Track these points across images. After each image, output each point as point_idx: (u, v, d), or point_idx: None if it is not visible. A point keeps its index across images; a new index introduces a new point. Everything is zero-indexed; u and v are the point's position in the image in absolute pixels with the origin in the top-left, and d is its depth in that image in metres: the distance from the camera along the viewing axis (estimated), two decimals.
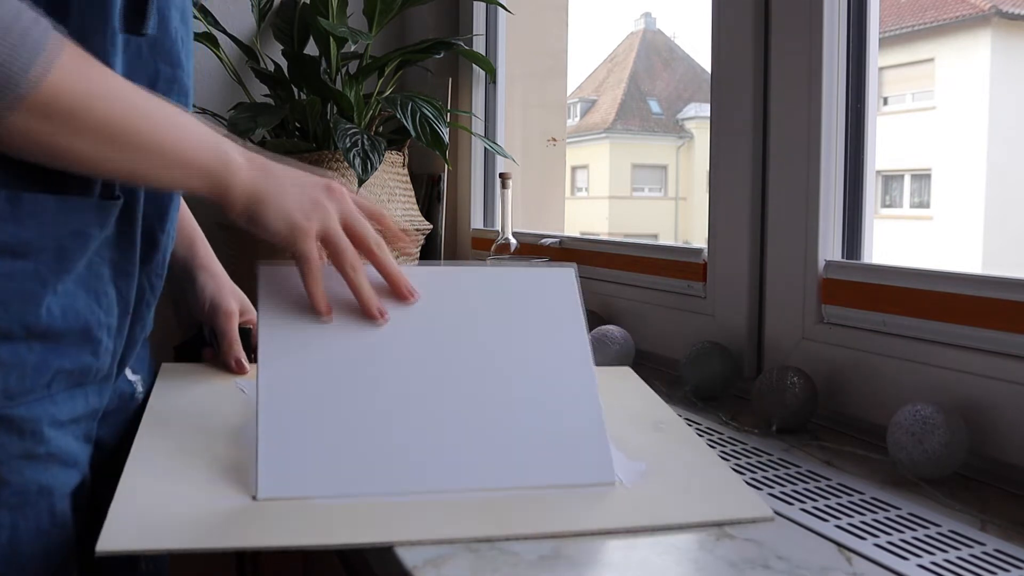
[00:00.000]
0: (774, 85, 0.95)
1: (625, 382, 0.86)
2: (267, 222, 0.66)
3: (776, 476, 0.71)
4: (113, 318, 0.67)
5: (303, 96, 1.48)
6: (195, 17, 1.51)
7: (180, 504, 0.57)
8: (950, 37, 10.33)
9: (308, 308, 0.66)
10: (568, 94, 1.96)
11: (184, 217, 0.91)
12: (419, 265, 0.72)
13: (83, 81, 0.58)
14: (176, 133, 0.64)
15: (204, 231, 0.93)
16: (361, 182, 1.31)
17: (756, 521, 0.60)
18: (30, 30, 0.55)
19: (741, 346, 0.99)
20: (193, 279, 0.90)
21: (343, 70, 1.50)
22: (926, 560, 0.56)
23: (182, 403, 0.74)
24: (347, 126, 1.37)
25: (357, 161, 1.31)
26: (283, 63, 1.54)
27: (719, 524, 0.59)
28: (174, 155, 0.63)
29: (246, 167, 0.67)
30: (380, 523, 0.56)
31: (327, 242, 0.67)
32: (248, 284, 1.48)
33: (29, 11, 0.55)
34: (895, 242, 10.32)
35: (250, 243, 1.46)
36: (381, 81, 1.54)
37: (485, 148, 1.70)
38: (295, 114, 1.47)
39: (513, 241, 1.41)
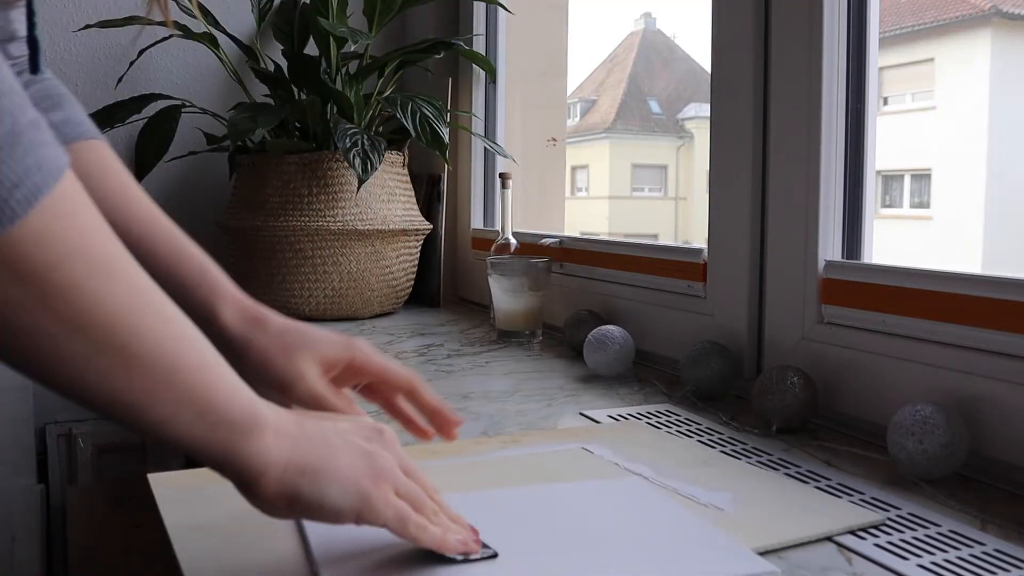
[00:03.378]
0: (774, 85, 0.95)
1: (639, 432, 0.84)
2: (327, 500, 0.48)
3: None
4: None
5: (303, 96, 1.48)
6: (195, 17, 1.51)
7: None
8: (950, 37, 10.33)
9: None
10: (568, 94, 1.96)
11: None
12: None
13: (75, 233, 0.40)
14: (196, 354, 0.45)
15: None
16: (361, 182, 1.31)
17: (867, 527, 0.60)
18: (46, 148, 0.39)
19: (741, 346, 0.99)
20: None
21: (343, 70, 1.50)
22: (926, 560, 0.55)
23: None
24: (347, 126, 1.37)
25: (357, 161, 1.31)
26: (283, 63, 1.54)
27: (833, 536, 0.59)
28: (188, 386, 0.44)
29: (277, 426, 0.48)
30: None
31: (400, 498, 0.51)
32: (254, 289, 1.48)
33: (40, 117, 0.40)
34: (895, 242, 10.31)
35: (253, 247, 1.46)
36: (381, 81, 1.54)
37: (485, 148, 1.70)
38: (295, 114, 1.47)
39: (513, 241, 1.41)
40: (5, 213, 0.37)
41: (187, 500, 0.65)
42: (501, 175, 1.44)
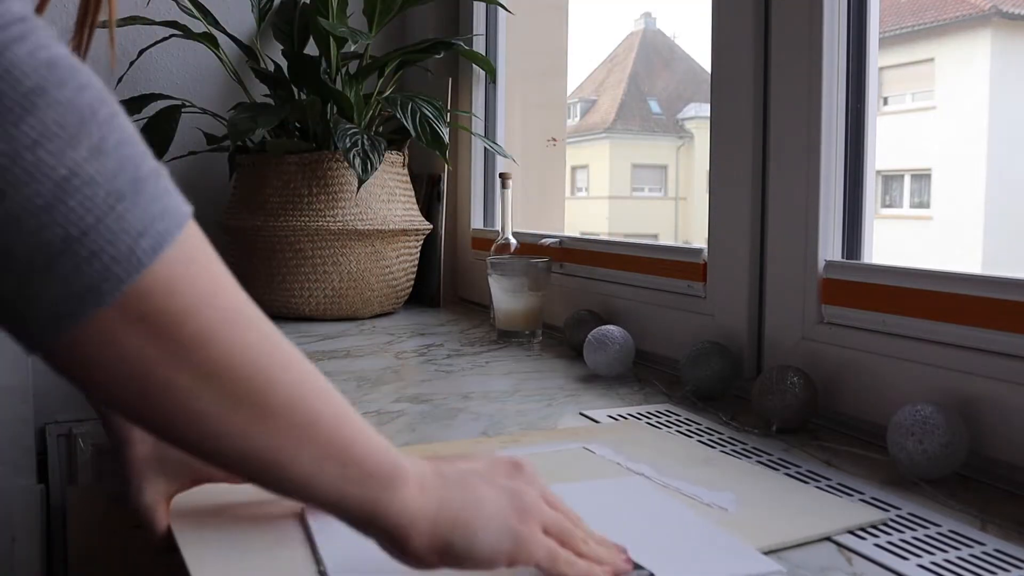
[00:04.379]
0: (774, 85, 0.95)
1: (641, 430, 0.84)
2: (479, 548, 0.46)
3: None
4: None
5: (303, 96, 1.48)
6: (195, 17, 1.51)
7: None
8: (950, 37, 10.34)
9: None
10: (568, 94, 1.96)
11: None
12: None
13: (203, 281, 0.39)
14: (332, 406, 0.43)
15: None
16: (361, 182, 1.31)
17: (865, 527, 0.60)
18: (169, 197, 0.39)
19: (741, 346, 0.99)
20: None
21: (343, 70, 1.50)
22: (926, 560, 0.55)
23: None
24: (347, 126, 1.37)
25: (357, 161, 1.31)
26: (283, 63, 1.54)
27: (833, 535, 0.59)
28: (328, 439, 0.42)
29: (419, 478, 0.46)
30: None
31: (548, 532, 0.50)
32: (254, 289, 1.48)
33: (161, 166, 0.39)
34: (895, 242, 10.31)
35: (253, 247, 1.46)
36: (381, 81, 1.54)
37: (485, 148, 1.70)
38: (295, 114, 1.47)
39: (513, 241, 1.41)
40: (131, 262, 0.36)
41: (188, 499, 0.65)
42: (501, 175, 1.44)
